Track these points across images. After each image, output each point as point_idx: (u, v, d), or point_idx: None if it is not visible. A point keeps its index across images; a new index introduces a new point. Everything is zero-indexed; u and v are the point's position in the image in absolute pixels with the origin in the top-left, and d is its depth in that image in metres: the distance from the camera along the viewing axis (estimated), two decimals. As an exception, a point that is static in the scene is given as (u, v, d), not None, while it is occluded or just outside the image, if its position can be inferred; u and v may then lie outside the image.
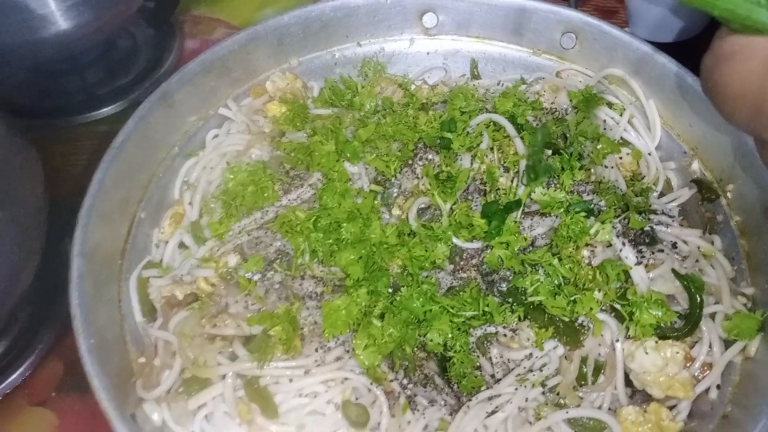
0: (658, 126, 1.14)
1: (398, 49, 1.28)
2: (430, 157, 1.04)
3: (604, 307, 0.91)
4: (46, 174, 1.12)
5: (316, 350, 0.87)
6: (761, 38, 0.57)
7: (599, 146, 1.08)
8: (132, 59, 1.60)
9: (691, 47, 1.48)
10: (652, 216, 1.00)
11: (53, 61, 1.50)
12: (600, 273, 0.92)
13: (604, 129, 1.12)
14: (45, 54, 1.40)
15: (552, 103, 1.14)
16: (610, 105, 1.16)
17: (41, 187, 1.10)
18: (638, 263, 0.91)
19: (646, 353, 0.87)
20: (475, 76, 1.27)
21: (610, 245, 0.93)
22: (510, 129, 1.03)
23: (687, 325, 0.90)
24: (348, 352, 0.88)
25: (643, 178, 1.11)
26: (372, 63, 1.25)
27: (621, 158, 1.12)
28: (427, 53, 1.28)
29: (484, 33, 1.27)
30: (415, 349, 0.90)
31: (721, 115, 0.64)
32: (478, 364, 0.90)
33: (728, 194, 1.05)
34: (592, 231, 0.92)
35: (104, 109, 1.48)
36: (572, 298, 0.90)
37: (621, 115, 1.14)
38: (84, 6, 1.31)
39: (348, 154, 1.02)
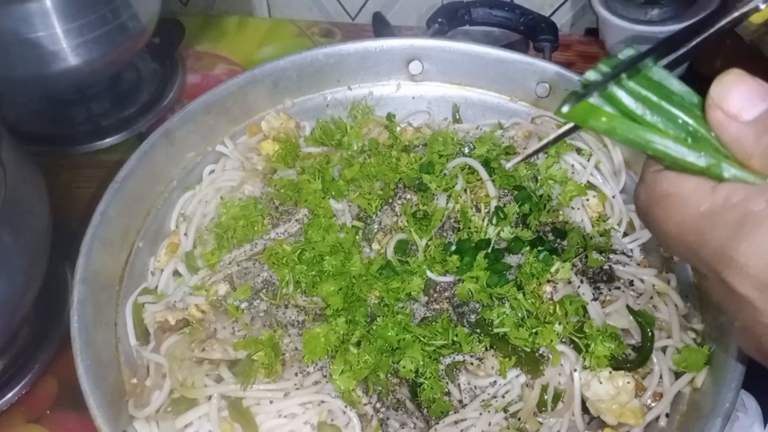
0: (624, 172, 1.22)
1: (386, 94, 1.37)
2: (408, 196, 1.13)
3: (563, 339, 0.99)
4: (50, 199, 1.19)
5: (296, 374, 0.94)
6: (693, 182, 0.55)
7: (567, 189, 1.16)
8: (136, 92, 1.68)
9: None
10: (611, 255, 1.08)
11: (62, 93, 1.59)
12: (560, 307, 0.99)
13: (572, 173, 1.20)
14: (55, 87, 1.49)
15: (524, 148, 1.23)
16: (578, 151, 1.24)
17: (47, 214, 1.17)
18: (594, 299, 0.99)
19: (600, 382, 0.94)
20: (456, 120, 1.36)
21: (570, 282, 1.01)
22: (482, 173, 1.12)
23: (639, 357, 0.97)
24: (325, 376, 0.95)
25: (608, 219, 1.20)
26: (361, 106, 1.34)
27: (588, 200, 1.20)
28: (413, 98, 1.37)
29: (465, 80, 1.36)
30: (389, 374, 0.97)
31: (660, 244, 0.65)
32: (447, 390, 0.97)
33: (684, 235, 1.12)
34: (553, 269, 1.00)
35: (108, 139, 1.56)
36: (534, 330, 0.97)
37: (588, 160, 1.22)
38: (93, 43, 1.39)
39: (333, 192, 1.10)
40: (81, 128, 1.60)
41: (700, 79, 0.60)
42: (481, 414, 0.94)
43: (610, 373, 0.95)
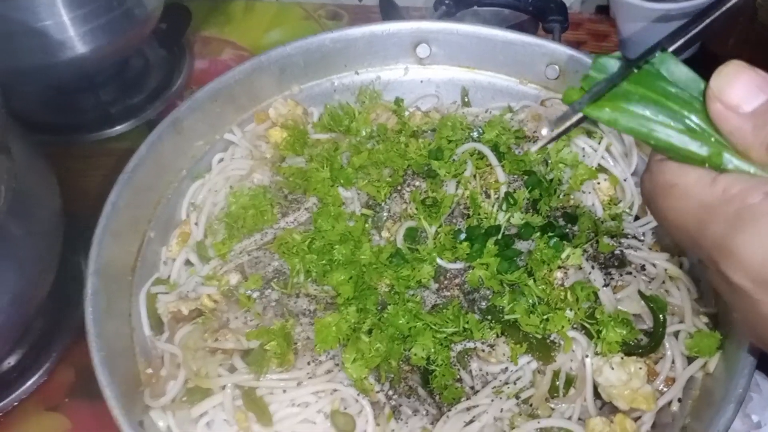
0: (635, 153, 1.21)
1: (393, 78, 1.36)
2: (417, 183, 1.12)
3: (575, 325, 0.99)
4: (61, 189, 1.20)
5: (308, 363, 0.95)
6: (695, 173, 0.57)
7: (578, 172, 1.16)
8: (144, 78, 1.69)
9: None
10: (623, 240, 1.07)
11: (70, 82, 1.58)
12: (571, 294, 0.99)
13: (583, 156, 1.19)
14: (62, 75, 1.49)
15: (534, 132, 1.22)
16: (589, 133, 1.23)
17: (58, 203, 1.18)
18: (606, 285, 0.99)
19: (612, 368, 0.94)
20: (466, 103, 1.35)
21: (581, 268, 1.01)
22: (492, 158, 1.11)
23: (651, 343, 0.97)
24: (338, 365, 0.95)
25: (619, 203, 1.19)
26: (368, 91, 1.33)
27: (599, 183, 1.19)
28: (421, 81, 1.36)
29: (474, 63, 1.34)
30: (400, 362, 0.98)
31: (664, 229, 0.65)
32: (458, 376, 0.97)
33: (696, 219, 1.11)
34: (563, 255, 0.99)
35: (117, 127, 1.57)
36: (545, 317, 0.97)
37: (599, 143, 1.21)
38: (100, 31, 1.39)
39: (342, 180, 1.10)
40: (89, 116, 1.60)
41: (712, 58, 0.60)
42: (492, 400, 0.95)
43: (622, 358, 0.95)
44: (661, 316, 0.97)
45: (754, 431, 1.12)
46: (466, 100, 1.35)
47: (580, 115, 0.62)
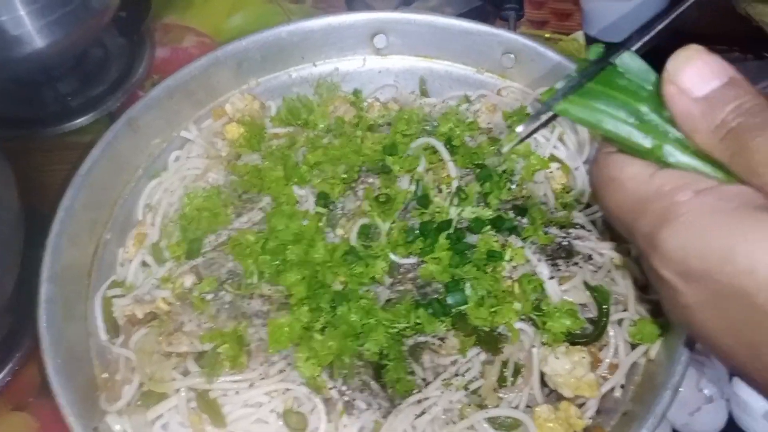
0: (587, 141, 1.23)
1: (352, 69, 1.36)
2: (370, 180, 1.14)
3: (522, 317, 1.02)
4: (21, 185, 1.19)
5: (261, 364, 0.97)
6: (634, 168, 0.59)
7: (530, 162, 1.17)
8: (104, 69, 1.66)
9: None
10: (571, 230, 1.10)
11: (27, 75, 1.56)
12: (519, 286, 1.02)
13: (536, 146, 1.21)
14: (20, 70, 1.47)
15: (488, 123, 1.23)
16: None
17: (17, 204, 1.16)
18: (551, 277, 1.02)
19: (557, 358, 0.97)
20: (424, 93, 1.36)
21: (528, 261, 1.04)
22: (444, 153, 1.13)
23: (594, 332, 1.00)
24: (290, 364, 0.97)
25: (572, 191, 1.21)
26: (326, 83, 1.33)
27: (551, 172, 1.21)
28: (379, 72, 1.36)
29: (431, 52, 1.35)
30: (353, 358, 1.00)
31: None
32: (410, 369, 1.00)
33: (645, 207, 1.14)
34: (507, 257, 1.02)
35: (78, 120, 1.54)
36: (493, 310, 1.00)
37: (552, 132, 1.23)
38: (58, 24, 1.36)
39: (296, 179, 1.11)
40: (49, 110, 1.58)
41: (683, 36, 0.61)
42: (442, 392, 0.98)
43: (567, 348, 0.99)
44: (603, 306, 1.00)
45: (706, 405, 1.17)
46: (424, 89, 1.36)
47: (550, 113, 0.64)
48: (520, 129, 0.69)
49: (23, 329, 1.28)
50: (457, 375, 1.00)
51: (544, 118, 0.65)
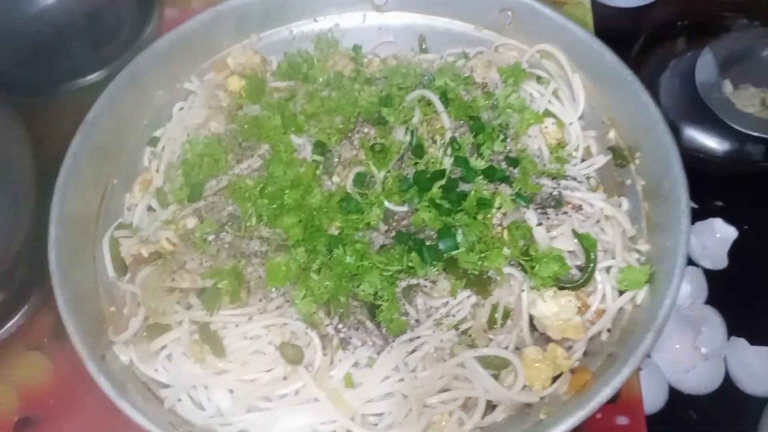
0: (581, 97, 1.24)
1: (352, 25, 1.37)
2: (366, 130, 1.16)
3: (512, 262, 1.05)
4: (34, 142, 1.23)
5: (260, 300, 1.02)
6: None
7: (524, 117, 1.20)
8: (115, 28, 1.66)
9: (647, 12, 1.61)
10: (561, 181, 1.12)
11: (39, 33, 1.58)
12: (508, 233, 1.05)
13: (531, 101, 1.23)
14: (31, 28, 1.49)
15: (483, 78, 1.25)
16: (538, 79, 1.26)
17: (29, 156, 1.21)
18: (539, 224, 1.05)
19: (545, 301, 1.01)
20: (423, 50, 1.37)
21: (517, 208, 1.07)
22: (438, 105, 1.15)
23: (582, 277, 1.04)
24: (288, 301, 1.02)
25: (567, 146, 1.23)
26: (326, 38, 1.35)
27: (546, 127, 1.23)
28: (379, 28, 1.38)
29: (430, 9, 1.36)
30: (349, 298, 1.04)
31: None
32: (404, 310, 1.04)
33: (636, 161, 1.17)
34: (496, 204, 1.05)
35: (89, 77, 1.56)
36: (483, 255, 1.03)
37: (546, 87, 1.25)
38: (70, -20, 1.39)
39: (293, 128, 1.14)
40: (61, 68, 1.59)
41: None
42: (433, 332, 1.02)
43: (555, 292, 1.02)
44: (591, 252, 1.03)
45: (702, 363, 1.21)
46: (424, 46, 1.37)
47: None
48: None
49: (38, 276, 1.32)
50: (448, 316, 1.04)
51: None
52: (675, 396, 1.20)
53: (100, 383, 0.92)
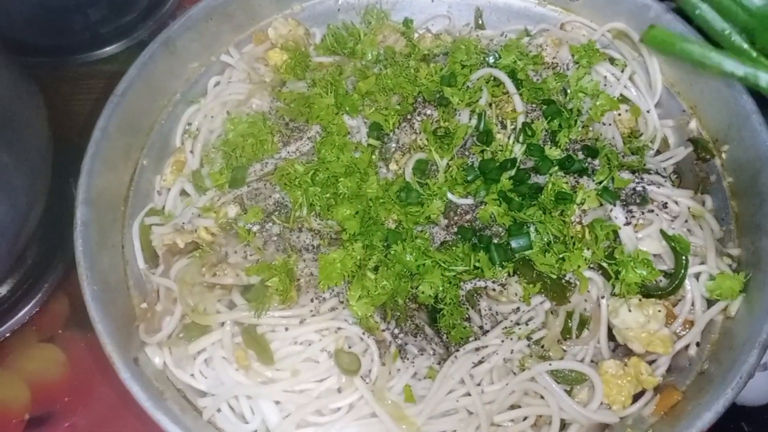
0: (659, 83, 1.13)
1: (403, -5, 1.26)
2: (428, 112, 1.05)
3: (591, 265, 0.94)
4: (50, 114, 1.13)
5: (312, 300, 0.91)
6: None
7: (598, 102, 1.08)
8: (134, -1, 1.58)
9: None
10: (644, 176, 1.01)
11: (57, 1, 1.50)
12: (590, 232, 0.94)
13: (605, 85, 1.12)
14: (49, -6, 1.39)
15: (554, 58, 1.13)
16: (612, 60, 1.15)
17: (46, 131, 1.11)
18: (627, 223, 0.93)
19: (630, 310, 0.90)
20: (479, 26, 1.26)
21: (601, 205, 0.95)
22: (510, 86, 1.04)
23: (671, 285, 0.93)
24: (342, 302, 0.91)
25: (640, 135, 1.12)
26: (375, 10, 1.23)
27: (620, 114, 1.12)
28: (432, 1, 1.26)
29: (489, -19, 1.24)
30: (407, 300, 0.93)
31: None
32: (467, 315, 0.94)
33: (723, 155, 1.05)
34: (578, 199, 0.93)
35: (107, 48, 1.48)
36: (561, 256, 0.92)
37: (622, 71, 1.13)
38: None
39: (347, 108, 1.03)
40: (78, 37, 1.50)
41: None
42: (503, 341, 0.91)
43: (640, 300, 0.91)
44: (683, 257, 0.92)
45: (760, 372, 1.10)
46: (480, 22, 1.26)
47: None
48: None
49: (51, 260, 1.23)
50: (518, 324, 0.93)
51: None
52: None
53: (134, 392, 0.81)
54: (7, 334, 1.16)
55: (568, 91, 1.09)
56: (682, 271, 0.92)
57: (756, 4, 0.66)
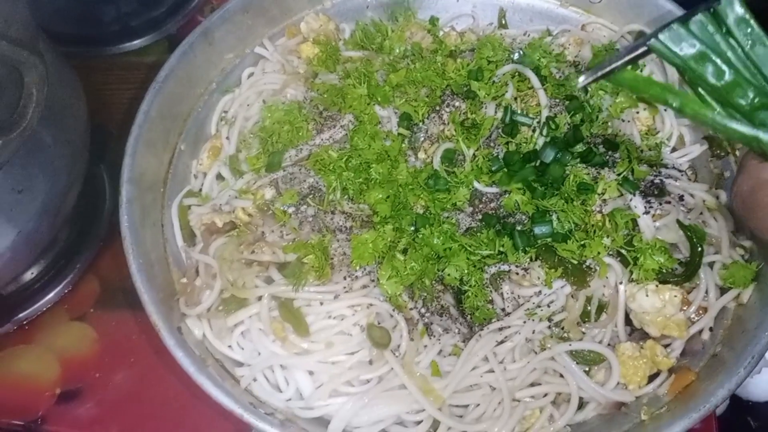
0: (676, 82, 1.17)
1: (429, -6, 1.30)
2: (456, 104, 1.09)
3: (610, 252, 0.98)
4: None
5: (345, 278, 0.95)
6: None
7: (618, 100, 1.12)
8: (164, -8, 1.62)
9: None
10: (662, 170, 1.05)
11: (89, -8, 1.52)
12: (609, 220, 0.98)
13: (624, 83, 1.16)
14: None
15: (576, 57, 1.18)
16: (631, 61, 1.19)
17: (85, 115, 1.16)
18: (646, 213, 0.98)
19: (647, 295, 0.94)
20: (503, 25, 1.30)
21: (621, 195, 0.99)
22: (535, 81, 1.08)
23: (687, 272, 0.97)
24: (373, 281, 0.95)
25: (657, 133, 1.16)
26: (402, 8, 1.28)
27: (638, 112, 1.16)
28: (457, 0, 1.31)
29: (513, -20, 1.29)
30: (434, 281, 0.98)
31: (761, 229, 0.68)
32: (490, 298, 0.98)
33: (737, 152, 1.10)
34: (599, 190, 0.98)
35: (137, 41, 1.52)
36: (582, 243, 0.96)
37: (641, 70, 1.17)
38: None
39: (379, 98, 1.07)
40: (109, 29, 1.55)
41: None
42: (525, 322, 0.95)
43: (657, 286, 0.95)
44: (699, 246, 0.96)
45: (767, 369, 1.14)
46: (503, 21, 1.30)
47: (644, 48, 0.64)
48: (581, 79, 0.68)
49: (82, 242, 1.27)
50: (539, 306, 0.97)
51: (629, 56, 0.65)
52: (734, 402, 1.14)
53: (178, 358, 0.85)
54: (39, 313, 1.20)
55: (589, 88, 1.14)
56: (697, 259, 0.97)
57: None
